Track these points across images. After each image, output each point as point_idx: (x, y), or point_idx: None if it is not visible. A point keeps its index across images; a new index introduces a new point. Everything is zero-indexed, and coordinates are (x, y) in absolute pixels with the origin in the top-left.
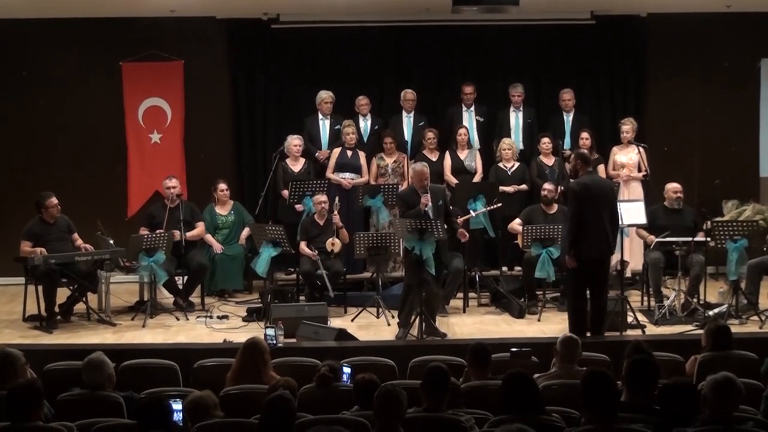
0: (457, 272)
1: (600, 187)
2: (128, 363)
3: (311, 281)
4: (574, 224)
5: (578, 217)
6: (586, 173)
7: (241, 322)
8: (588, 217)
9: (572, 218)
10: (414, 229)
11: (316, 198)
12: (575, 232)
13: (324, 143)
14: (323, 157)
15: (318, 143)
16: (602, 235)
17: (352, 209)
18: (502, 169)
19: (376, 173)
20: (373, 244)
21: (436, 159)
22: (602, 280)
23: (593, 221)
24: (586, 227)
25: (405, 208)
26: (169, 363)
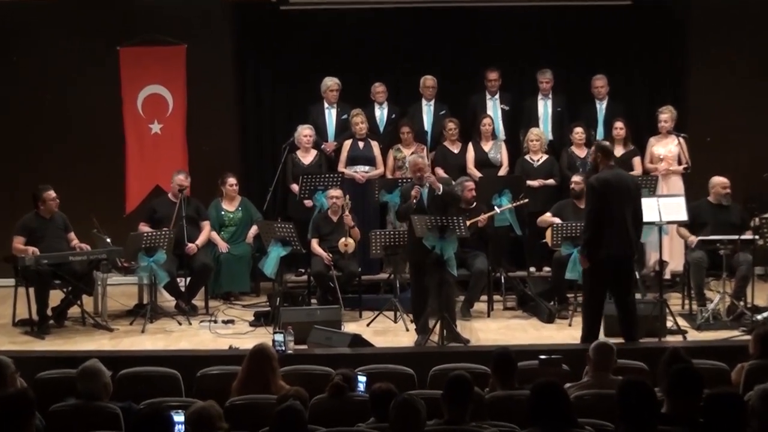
0: (481, 273)
1: (622, 182)
2: (126, 371)
3: (323, 283)
4: (590, 222)
5: (595, 214)
6: (607, 167)
7: (248, 327)
8: (608, 215)
9: (588, 215)
10: (435, 226)
11: (328, 193)
12: (591, 230)
13: (330, 134)
14: (330, 150)
15: (324, 134)
16: (624, 234)
17: (366, 205)
18: (528, 162)
19: (393, 166)
20: (390, 243)
21: (458, 151)
22: (626, 283)
23: (614, 219)
24: (605, 225)
25: (402, 202)
26: (170, 371)
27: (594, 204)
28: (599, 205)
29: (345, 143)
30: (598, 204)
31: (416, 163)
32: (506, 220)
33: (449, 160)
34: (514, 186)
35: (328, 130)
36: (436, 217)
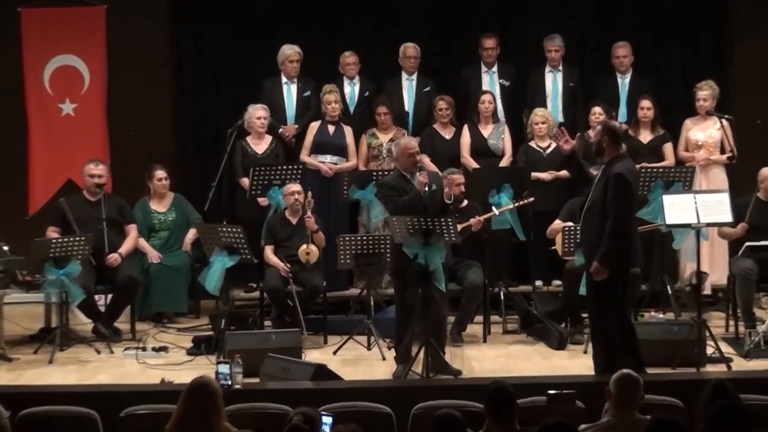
0: (475, 288)
1: (637, 177)
2: (28, 412)
3: (280, 300)
4: (622, 226)
5: (630, 216)
6: (617, 156)
7: (185, 355)
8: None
9: (620, 217)
10: (418, 230)
11: (287, 188)
12: (622, 236)
13: (290, 115)
14: (289, 135)
15: (281, 115)
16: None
17: (334, 204)
18: (534, 150)
19: (367, 155)
20: (363, 251)
21: (450, 136)
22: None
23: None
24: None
25: (396, 196)
26: (86, 411)
27: (629, 203)
28: (632, 204)
29: (311, 126)
30: (632, 203)
31: (409, 147)
32: (507, 223)
33: (439, 147)
34: (516, 180)
35: (287, 111)
36: (420, 219)
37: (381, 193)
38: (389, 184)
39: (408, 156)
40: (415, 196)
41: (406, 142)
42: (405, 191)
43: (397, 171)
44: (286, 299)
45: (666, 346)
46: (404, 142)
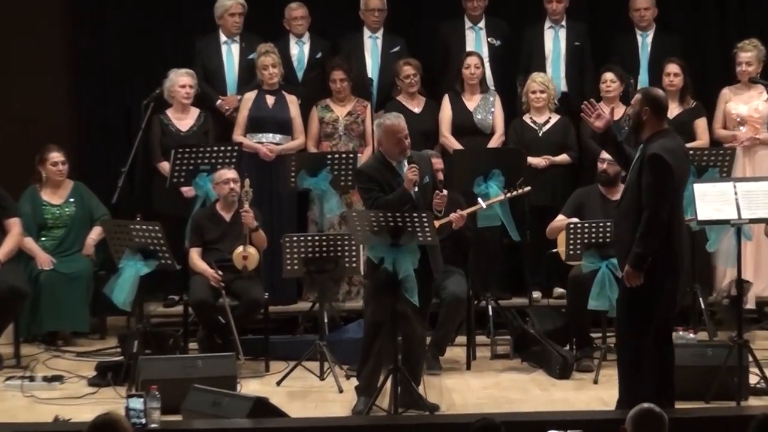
0: (456, 302)
1: (685, 157)
2: None
3: (209, 317)
4: (659, 218)
5: (668, 206)
6: (659, 132)
7: (86, 387)
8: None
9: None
10: (383, 228)
11: (218, 175)
12: (660, 231)
13: (230, 83)
14: (230, 107)
15: (220, 83)
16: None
17: (277, 195)
18: (529, 127)
19: (319, 133)
20: (315, 254)
21: (420, 109)
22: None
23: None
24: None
25: (377, 191)
26: None
27: (667, 188)
28: (672, 190)
29: (245, 98)
30: (671, 188)
31: (396, 129)
32: (496, 219)
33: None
34: (509, 164)
35: (227, 77)
36: (386, 214)
37: (359, 183)
38: (369, 174)
39: (395, 141)
40: (402, 195)
41: (392, 123)
42: (388, 184)
43: (379, 155)
44: (217, 315)
45: (698, 373)
46: (389, 122)
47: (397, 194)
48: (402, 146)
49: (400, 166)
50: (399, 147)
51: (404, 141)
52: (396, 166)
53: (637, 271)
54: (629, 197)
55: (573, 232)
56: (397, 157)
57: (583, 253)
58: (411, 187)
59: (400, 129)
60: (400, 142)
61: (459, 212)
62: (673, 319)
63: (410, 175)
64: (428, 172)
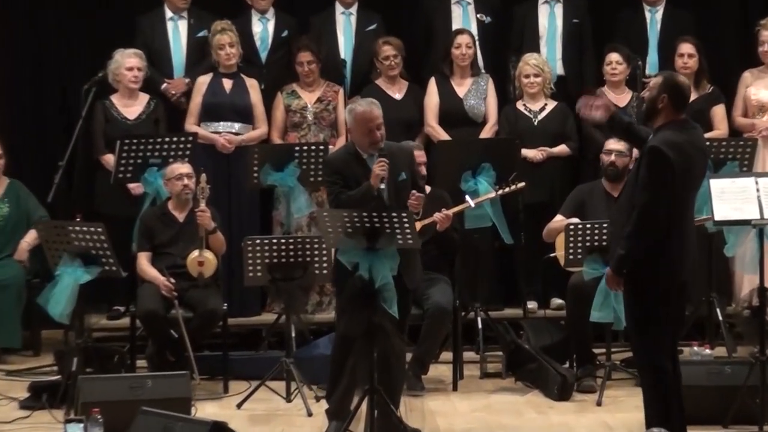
0: (442, 313)
1: (701, 154)
2: None
3: (160, 330)
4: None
5: (663, 204)
6: (672, 122)
7: (18, 410)
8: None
9: (649, 204)
10: (358, 230)
11: (170, 170)
12: (652, 230)
13: (177, 65)
14: (176, 91)
15: (166, 65)
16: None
17: (238, 192)
18: (523, 115)
19: (285, 123)
20: (281, 260)
21: (401, 95)
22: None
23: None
24: (674, 226)
25: (340, 185)
26: None
27: (663, 185)
28: (670, 188)
29: (199, 82)
30: (669, 186)
31: (370, 117)
32: (486, 219)
33: (386, 112)
34: (499, 157)
35: (174, 58)
36: (361, 213)
37: (324, 175)
38: (334, 165)
39: (366, 131)
40: (366, 192)
41: (364, 110)
42: (355, 179)
43: (351, 146)
44: (169, 329)
45: (715, 394)
46: (360, 109)
47: (360, 191)
48: (373, 137)
49: (372, 159)
50: (370, 137)
51: (376, 131)
52: (367, 159)
53: (617, 275)
54: (628, 192)
55: (573, 234)
56: (368, 148)
57: (585, 258)
58: (377, 184)
59: (373, 117)
60: (371, 132)
61: (444, 211)
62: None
63: (377, 169)
64: (406, 168)
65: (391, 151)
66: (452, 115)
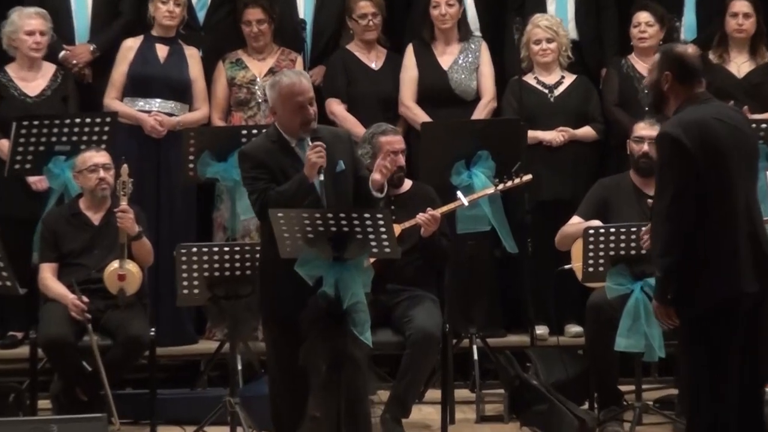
0: (427, 340)
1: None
2: None
3: (68, 362)
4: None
5: (684, 206)
6: (689, 99)
7: None
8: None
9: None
10: (322, 235)
11: (83, 160)
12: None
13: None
14: (78, 61)
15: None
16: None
17: (170, 187)
18: (535, 90)
19: (227, 100)
20: (223, 273)
21: (380, 65)
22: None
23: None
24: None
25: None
26: None
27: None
28: (692, 177)
29: (125, 46)
30: (690, 175)
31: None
32: (484, 222)
33: (361, 85)
34: (501, 143)
35: (76, 20)
36: (327, 214)
37: (242, 171)
38: (255, 157)
39: (295, 109)
40: (300, 184)
41: (292, 82)
42: (283, 172)
43: (273, 132)
44: (81, 360)
45: None
46: (286, 81)
47: (293, 184)
48: (305, 115)
49: (302, 145)
50: (300, 116)
51: (308, 108)
52: (296, 146)
53: (662, 303)
54: None
55: (594, 240)
56: (297, 132)
57: (609, 271)
58: (313, 175)
59: (302, 90)
60: (301, 109)
61: (430, 212)
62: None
63: (313, 156)
64: (345, 156)
65: (323, 136)
66: (435, 92)
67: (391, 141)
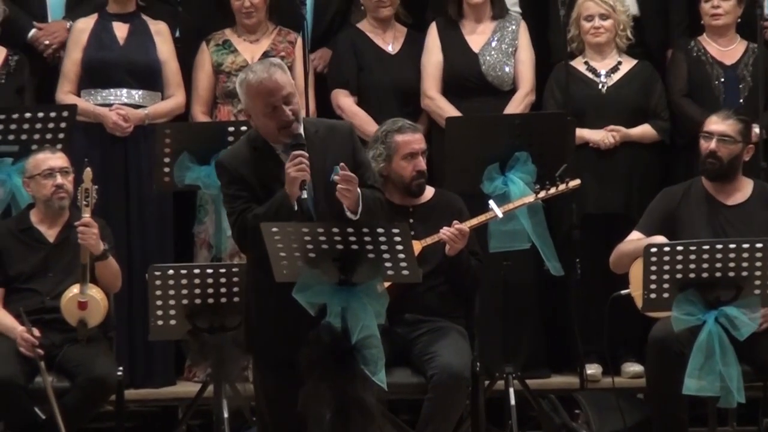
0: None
1: None
2: None
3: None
4: None
5: None
6: None
7: None
8: None
9: None
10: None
11: (35, 163)
12: None
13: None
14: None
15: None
16: None
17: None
18: (584, 79)
19: (212, 90)
20: (206, 301)
21: (397, 48)
22: None
23: None
24: None
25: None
26: None
27: None
28: None
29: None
30: None
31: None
32: (522, 239)
33: (374, 69)
34: (543, 143)
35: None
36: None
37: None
38: (232, 168)
39: (268, 110)
40: (278, 207)
41: (260, 79)
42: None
43: (255, 136)
44: (32, 406)
45: None
46: (253, 77)
47: (273, 205)
48: (281, 117)
49: (286, 152)
50: (275, 120)
51: (282, 110)
52: (282, 153)
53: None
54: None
55: (657, 260)
56: (276, 137)
57: (675, 298)
58: (295, 193)
59: (273, 89)
60: (276, 110)
61: (456, 225)
62: None
63: (292, 170)
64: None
65: (313, 136)
66: (463, 81)
67: (409, 141)
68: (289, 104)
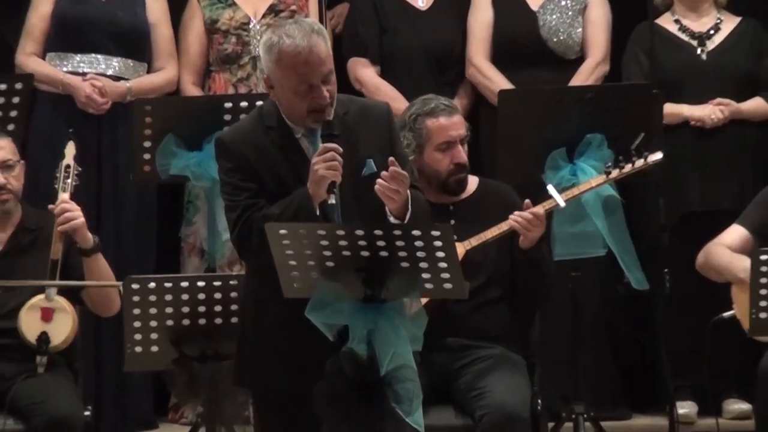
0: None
1: None
2: None
3: None
4: None
5: None
6: None
7: None
8: None
9: None
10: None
11: None
12: None
13: None
14: None
15: None
16: None
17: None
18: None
19: (204, 55)
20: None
21: (429, 4)
22: None
23: None
24: None
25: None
26: None
27: None
28: None
29: None
30: None
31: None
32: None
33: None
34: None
35: None
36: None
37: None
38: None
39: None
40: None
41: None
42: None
43: (272, 109)
44: None
45: None
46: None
47: (290, 206)
48: (314, 101)
49: (313, 136)
50: (308, 102)
51: (320, 90)
52: (302, 138)
53: None
54: None
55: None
56: (303, 119)
57: None
58: (321, 195)
59: (314, 62)
60: (311, 91)
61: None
62: None
63: (321, 168)
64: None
65: (342, 118)
66: (519, 45)
67: (445, 126)
68: (328, 83)
